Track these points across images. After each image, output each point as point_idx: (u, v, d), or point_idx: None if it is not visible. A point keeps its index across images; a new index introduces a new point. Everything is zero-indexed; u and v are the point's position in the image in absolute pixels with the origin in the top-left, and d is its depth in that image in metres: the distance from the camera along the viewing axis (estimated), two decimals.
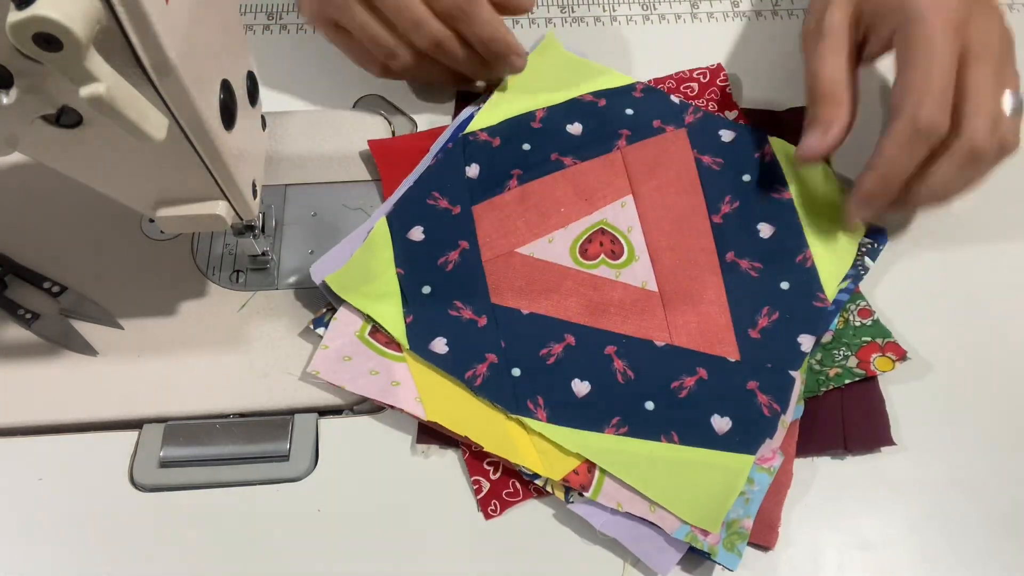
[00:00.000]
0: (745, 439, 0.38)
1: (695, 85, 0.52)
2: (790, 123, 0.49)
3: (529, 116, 0.49)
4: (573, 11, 0.57)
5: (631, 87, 0.50)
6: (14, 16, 0.22)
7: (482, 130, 0.48)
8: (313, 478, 0.39)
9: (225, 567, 0.37)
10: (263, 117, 0.41)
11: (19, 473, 0.39)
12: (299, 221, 0.46)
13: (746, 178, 0.46)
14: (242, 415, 0.40)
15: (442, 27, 0.45)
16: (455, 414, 0.39)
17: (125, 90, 0.25)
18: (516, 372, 0.40)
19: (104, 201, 0.36)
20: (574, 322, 0.42)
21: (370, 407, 0.41)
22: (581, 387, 0.40)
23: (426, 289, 0.42)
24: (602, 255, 0.44)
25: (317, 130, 0.49)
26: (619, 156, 0.47)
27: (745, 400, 0.39)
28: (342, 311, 0.42)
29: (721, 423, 0.39)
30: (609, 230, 0.45)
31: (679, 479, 0.37)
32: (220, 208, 0.35)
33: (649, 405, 0.39)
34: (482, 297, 0.42)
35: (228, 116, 0.33)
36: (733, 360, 0.40)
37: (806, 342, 0.41)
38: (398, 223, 0.44)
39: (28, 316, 0.42)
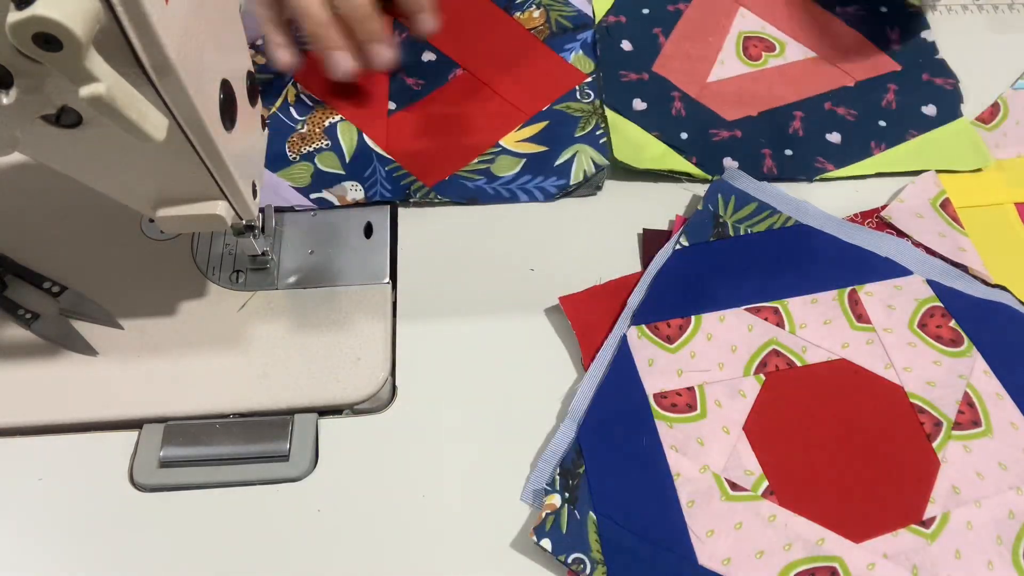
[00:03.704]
0: None
1: None
2: None
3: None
4: None
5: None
6: (14, 16, 0.22)
7: None
8: (313, 478, 0.39)
9: (225, 567, 0.37)
10: (263, 117, 0.41)
11: (19, 473, 0.39)
12: (299, 221, 0.46)
13: None
14: (242, 415, 0.40)
15: None
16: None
17: (125, 90, 0.25)
18: None
19: (104, 201, 0.36)
20: None
21: (370, 407, 0.41)
22: None
23: (684, 135, 0.49)
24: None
25: None
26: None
27: None
28: (922, 179, 0.47)
29: None
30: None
31: None
32: (220, 208, 0.35)
33: None
34: None
35: (228, 116, 0.33)
36: None
37: None
38: None
39: (28, 316, 0.42)
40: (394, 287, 0.45)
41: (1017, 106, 0.51)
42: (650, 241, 0.46)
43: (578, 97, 0.50)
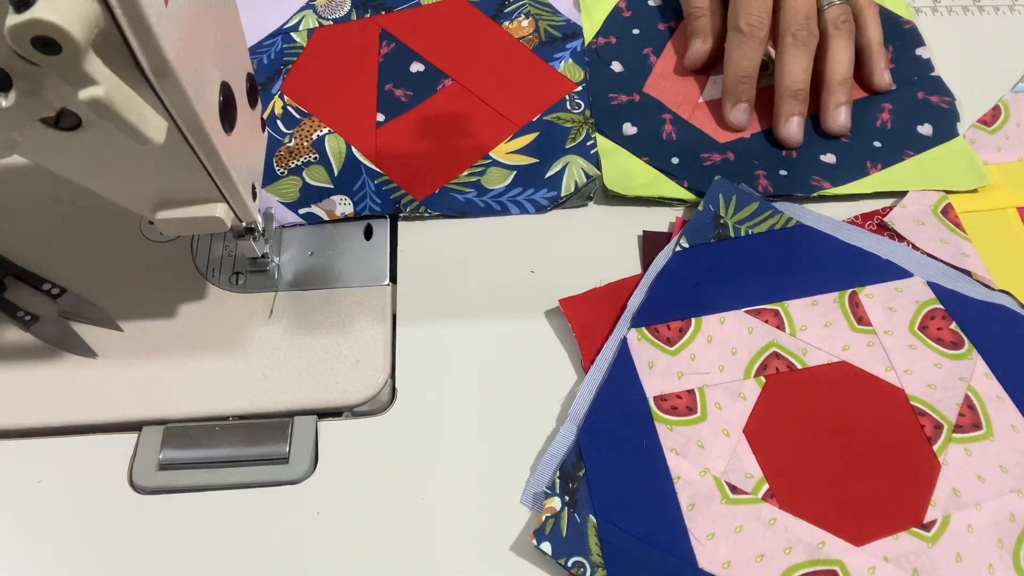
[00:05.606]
0: None
1: None
2: None
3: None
4: None
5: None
6: (13, 19, 0.22)
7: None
8: (312, 481, 0.39)
9: (224, 570, 0.37)
10: (263, 119, 0.41)
11: (19, 476, 0.39)
12: (299, 223, 0.46)
13: None
14: (241, 417, 0.40)
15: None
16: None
17: (124, 93, 0.25)
18: None
19: (104, 203, 0.36)
20: None
21: (370, 409, 0.41)
22: None
23: (675, 160, 0.49)
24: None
25: None
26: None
27: None
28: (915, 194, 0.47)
29: None
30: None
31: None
32: (220, 210, 0.35)
33: None
34: None
35: (228, 118, 0.33)
36: None
37: None
38: None
39: (27, 318, 0.42)
40: (394, 289, 0.45)
41: (1018, 109, 0.51)
42: (650, 243, 0.46)
43: (568, 107, 0.50)
